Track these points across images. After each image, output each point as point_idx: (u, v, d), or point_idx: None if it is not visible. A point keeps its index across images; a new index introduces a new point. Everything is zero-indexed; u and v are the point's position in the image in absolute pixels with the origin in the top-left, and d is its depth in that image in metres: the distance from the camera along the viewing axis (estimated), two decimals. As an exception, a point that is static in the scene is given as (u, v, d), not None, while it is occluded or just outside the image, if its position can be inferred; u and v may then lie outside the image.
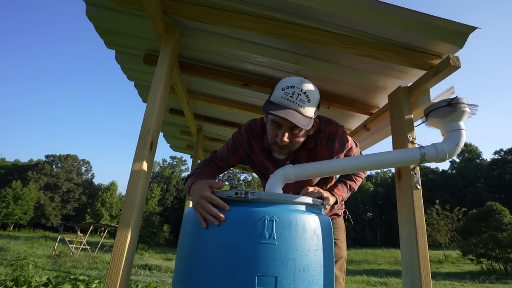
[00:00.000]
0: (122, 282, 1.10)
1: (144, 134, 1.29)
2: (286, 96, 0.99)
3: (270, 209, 0.86)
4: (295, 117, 0.96)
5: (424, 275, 1.22)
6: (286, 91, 1.00)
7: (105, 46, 1.92)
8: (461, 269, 20.04)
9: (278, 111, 0.97)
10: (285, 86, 1.01)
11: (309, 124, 1.00)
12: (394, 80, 1.64)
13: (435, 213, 23.61)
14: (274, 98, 1.03)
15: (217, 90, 2.27)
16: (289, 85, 1.01)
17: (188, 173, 1.31)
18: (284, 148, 1.07)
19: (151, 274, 11.04)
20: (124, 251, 1.11)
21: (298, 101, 0.99)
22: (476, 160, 51.59)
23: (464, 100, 1.30)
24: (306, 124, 0.99)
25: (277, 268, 0.80)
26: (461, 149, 1.25)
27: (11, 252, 12.84)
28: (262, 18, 1.39)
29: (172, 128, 3.32)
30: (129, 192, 1.19)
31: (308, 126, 0.99)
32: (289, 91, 1.00)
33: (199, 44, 1.76)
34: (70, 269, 10.28)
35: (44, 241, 22.36)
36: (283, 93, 1.00)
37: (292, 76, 1.08)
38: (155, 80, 1.39)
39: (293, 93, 0.99)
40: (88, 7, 1.58)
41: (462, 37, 1.24)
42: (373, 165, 1.18)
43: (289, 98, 0.99)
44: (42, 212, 47.71)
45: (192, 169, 1.21)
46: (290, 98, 0.99)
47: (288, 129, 1.04)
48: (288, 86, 1.00)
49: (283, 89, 1.01)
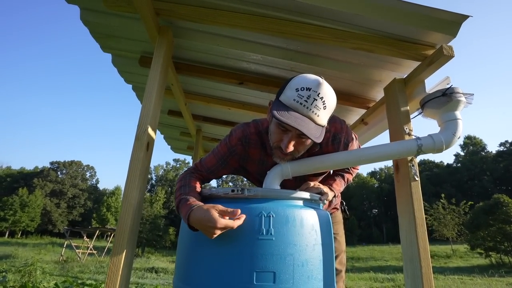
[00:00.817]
0: (121, 281, 1.10)
1: (140, 134, 1.30)
2: (300, 99, 0.86)
3: (267, 205, 0.86)
4: (308, 127, 0.84)
5: (424, 267, 1.21)
6: (301, 94, 0.86)
7: (102, 50, 1.94)
8: (470, 263, 19.85)
9: (289, 118, 0.84)
10: (300, 87, 0.87)
11: (321, 135, 0.88)
12: (389, 73, 1.64)
13: (441, 207, 23.41)
14: (285, 100, 0.89)
15: (214, 90, 2.28)
16: (305, 87, 0.87)
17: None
18: (287, 155, 0.97)
19: (158, 277, 11.08)
20: (123, 252, 1.12)
21: (313, 107, 0.86)
22: (481, 152, 51.12)
23: (459, 89, 1.29)
24: (319, 136, 0.87)
25: (275, 263, 0.80)
26: (465, 142, 1.24)
27: (19, 258, 12.98)
28: (254, 16, 1.40)
29: (172, 130, 3.33)
30: (127, 192, 1.20)
31: (320, 138, 0.87)
32: (304, 94, 0.86)
33: (193, 44, 1.77)
34: (77, 274, 10.36)
35: (52, 247, 22.57)
36: (296, 95, 0.87)
37: (307, 75, 0.93)
38: (150, 81, 1.40)
39: (309, 97, 0.86)
40: (82, 12, 1.60)
41: (455, 26, 1.24)
42: (370, 159, 1.17)
43: (303, 103, 0.86)
44: (48, 219, 48.14)
45: (176, 188, 1.02)
46: (304, 103, 0.85)
47: (296, 137, 0.92)
48: (304, 88, 0.87)
49: (297, 90, 0.87)
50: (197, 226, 0.81)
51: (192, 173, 1.09)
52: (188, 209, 0.84)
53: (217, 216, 0.78)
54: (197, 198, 0.91)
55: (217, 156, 1.11)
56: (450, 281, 10.79)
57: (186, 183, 1.01)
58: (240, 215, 0.80)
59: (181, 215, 0.88)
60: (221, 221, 0.77)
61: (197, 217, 0.81)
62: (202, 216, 0.79)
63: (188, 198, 0.90)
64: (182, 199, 0.91)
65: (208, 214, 0.78)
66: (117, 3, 1.38)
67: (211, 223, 0.77)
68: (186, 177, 1.05)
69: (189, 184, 0.99)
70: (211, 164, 1.11)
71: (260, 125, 1.10)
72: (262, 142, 1.08)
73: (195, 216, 0.81)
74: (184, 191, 0.96)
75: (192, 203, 0.87)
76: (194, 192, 0.95)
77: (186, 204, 0.87)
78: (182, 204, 0.89)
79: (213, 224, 0.76)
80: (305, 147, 0.99)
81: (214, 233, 0.78)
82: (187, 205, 0.86)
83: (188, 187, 0.98)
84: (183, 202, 0.89)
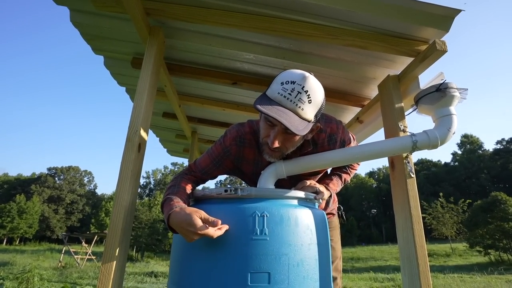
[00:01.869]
0: (113, 285, 1.08)
1: (131, 135, 1.28)
2: (284, 92, 0.85)
3: (261, 205, 0.85)
4: (290, 120, 0.83)
5: (422, 265, 1.20)
6: (285, 87, 0.86)
7: (93, 53, 1.92)
8: (469, 261, 19.86)
9: (271, 110, 0.83)
10: (285, 80, 0.87)
11: (305, 128, 0.86)
12: (383, 70, 1.63)
13: (440, 206, 23.45)
14: (270, 93, 0.89)
15: (208, 91, 2.27)
16: (289, 80, 0.86)
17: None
18: (275, 151, 0.96)
19: (157, 281, 11.00)
20: (115, 254, 1.10)
21: (297, 100, 0.85)
22: (478, 151, 51.42)
23: (453, 84, 1.29)
24: (302, 129, 0.85)
25: (270, 264, 0.79)
26: (462, 140, 1.24)
27: (17, 265, 12.83)
28: (245, 14, 1.39)
29: (167, 133, 3.31)
30: (118, 194, 1.18)
31: (303, 131, 0.85)
32: (288, 87, 0.85)
33: (185, 45, 1.76)
34: (76, 280, 10.25)
35: (50, 254, 22.36)
36: (281, 88, 0.86)
37: (293, 69, 0.93)
38: (141, 81, 1.38)
39: (293, 90, 0.85)
40: (72, 13, 1.58)
41: (447, 21, 1.23)
42: (365, 156, 1.15)
43: (287, 96, 0.85)
44: (47, 225, 47.79)
45: (166, 189, 1.01)
46: (288, 96, 0.85)
47: (282, 131, 0.90)
48: (288, 81, 0.86)
49: (282, 83, 0.87)
50: (177, 228, 0.80)
51: (185, 174, 1.08)
52: (170, 209, 0.83)
53: (199, 221, 0.76)
54: (183, 199, 0.90)
55: (212, 157, 1.09)
56: (450, 279, 10.79)
57: (176, 183, 0.99)
58: (221, 226, 0.79)
59: (163, 214, 0.87)
60: (202, 227, 0.75)
61: (177, 219, 0.79)
62: (183, 219, 0.78)
63: (173, 198, 0.88)
64: (167, 198, 0.90)
65: (189, 218, 0.77)
66: (106, 4, 1.37)
67: (191, 227, 0.76)
68: (178, 178, 1.04)
69: (178, 185, 0.98)
70: (205, 164, 1.10)
71: (255, 125, 1.09)
72: (256, 141, 1.07)
73: (175, 217, 0.80)
74: (172, 191, 0.94)
75: (175, 203, 0.85)
76: (182, 193, 0.93)
77: (169, 204, 0.86)
78: (165, 204, 0.88)
79: (193, 229, 0.75)
80: (293, 144, 0.97)
81: (193, 238, 0.77)
82: (169, 205, 0.85)
83: (177, 188, 0.96)
84: (167, 201, 0.88)
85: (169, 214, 0.82)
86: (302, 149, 1.06)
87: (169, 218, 0.81)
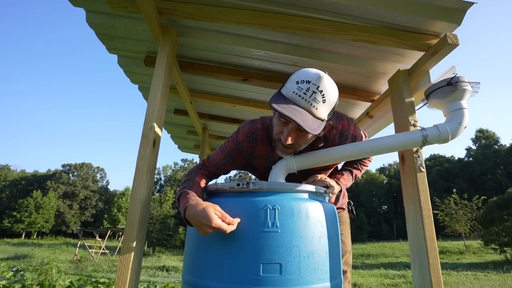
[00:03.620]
0: (132, 275, 1.14)
1: (147, 131, 1.33)
2: (299, 91, 0.87)
3: (272, 198, 0.87)
4: (304, 119, 0.84)
5: (432, 258, 1.20)
6: (300, 86, 0.87)
7: (108, 52, 1.98)
8: (484, 259, 19.41)
9: (286, 109, 0.84)
10: (300, 79, 0.88)
11: (319, 127, 0.88)
12: (393, 64, 1.63)
13: (453, 202, 22.93)
14: (285, 92, 0.91)
15: (218, 87, 2.30)
16: (305, 79, 0.88)
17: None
18: (288, 148, 0.98)
19: (169, 275, 11.24)
20: (133, 245, 1.15)
21: (312, 100, 0.86)
22: (494, 146, 49.75)
23: (465, 78, 1.27)
24: (316, 128, 0.87)
25: (282, 255, 0.81)
26: (477, 135, 1.23)
27: (35, 258, 13.36)
28: (255, 11, 1.41)
29: (178, 129, 3.37)
30: (135, 188, 1.23)
31: (317, 131, 0.87)
32: (303, 86, 0.87)
33: (197, 43, 1.79)
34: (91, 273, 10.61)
35: (66, 247, 23.12)
36: (296, 87, 0.88)
37: (308, 68, 0.93)
38: (154, 79, 1.43)
39: (308, 90, 0.86)
40: (88, 14, 1.64)
41: (459, 14, 1.22)
42: (375, 150, 1.16)
43: (302, 95, 0.86)
44: (62, 220, 49.30)
45: (181, 183, 1.04)
46: (303, 95, 0.86)
47: (295, 129, 0.92)
48: (304, 81, 0.87)
49: (297, 82, 0.88)
50: (192, 220, 0.83)
51: (199, 169, 1.11)
52: (186, 202, 0.86)
53: (214, 215, 0.79)
54: (198, 193, 0.93)
55: (224, 152, 1.12)
56: (463, 277, 10.60)
57: (191, 177, 1.03)
58: (234, 221, 0.81)
59: (180, 207, 0.90)
60: (216, 221, 0.78)
61: (193, 212, 0.82)
62: (199, 212, 0.81)
63: (189, 192, 0.91)
64: (183, 192, 0.93)
65: (205, 212, 0.79)
66: (120, 4, 1.41)
67: (206, 221, 0.78)
68: (192, 172, 1.07)
69: (193, 179, 1.01)
70: (218, 160, 1.13)
71: (267, 121, 1.11)
72: (269, 138, 1.09)
73: (191, 210, 0.83)
74: (188, 185, 0.97)
75: (192, 197, 0.88)
76: (196, 187, 0.96)
77: (185, 197, 0.89)
78: (182, 197, 0.91)
79: (208, 222, 0.78)
80: (306, 141, 0.99)
81: (207, 231, 0.80)
82: (186, 198, 0.88)
83: (192, 182, 0.99)
84: (183, 195, 0.91)
85: (186, 207, 0.85)
86: (313, 145, 1.07)
87: (185, 211, 0.85)
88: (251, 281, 0.79)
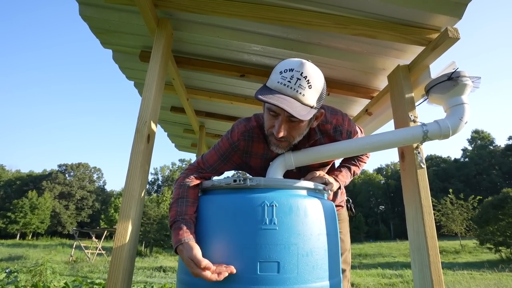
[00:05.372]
0: (124, 273, 1.10)
1: (141, 127, 1.29)
2: (283, 80, 0.86)
3: (270, 195, 0.85)
4: (292, 106, 0.83)
5: (432, 255, 1.18)
6: (284, 75, 0.86)
7: (102, 46, 1.94)
8: (479, 258, 19.58)
9: (272, 98, 0.83)
10: (283, 69, 0.88)
11: (309, 113, 0.87)
12: (393, 60, 1.60)
13: (449, 202, 23.09)
14: (270, 83, 0.90)
15: (215, 84, 2.27)
16: (287, 68, 0.87)
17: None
18: (282, 141, 0.96)
19: (166, 276, 11.19)
20: (126, 242, 1.12)
21: (297, 86, 0.85)
22: (490, 146, 50.25)
23: (465, 73, 1.26)
24: (305, 114, 0.85)
25: (280, 253, 0.79)
26: (473, 136, 1.21)
27: (30, 259, 13.23)
28: (252, 4, 1.38)
29: (175, 127, 3.33)
30: (128, 184, 1.19)
31: (307, 116, 0.86)
32: (287, 75, 0.86)
33: (193, 37, 1.76)
34: (87, 274, 10.52)
35: (62, 248, 22.92)
36: (280, 77, 0.87)
37: (291, 58, 0.94)
38: (149, 73, 1.39)
39: (292, 77, 0.85)
40: (81, 7, 1.60)
41: (460, 7, 1.20)
42: (374, 146, 1.14)
43: (287, 83, 0.85)
44: (58, 220, 48.93)
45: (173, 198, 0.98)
46: (287, 83, 0.85)
47: (286, 120, 0.90)
48: (286, 70, 0.87)
49: (281, 72, 0.88)
50: (182, 259, 0.82)
51: (193, 175, 1.04)
52: (178, 241, 0.83)
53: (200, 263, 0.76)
54: (190, 222, 0.89)
55: (219, 153, 1.08)
56: (459, 276, 10.66)
57: (183, 194, 0.96)
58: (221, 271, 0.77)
59: (172, 238, 0.88)
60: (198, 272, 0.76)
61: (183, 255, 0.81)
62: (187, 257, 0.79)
63: (181, 226, 0.86)
64: (176, 221, 0.89)
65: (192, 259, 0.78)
66: (114, -5, 1.38)
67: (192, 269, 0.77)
68: (185, 184, 0.99)
69: (186, 197, 0.95)
70: (213, 161, 1.08)
71: (261, 118, 1.08)
72: (264, 135, 1.06)
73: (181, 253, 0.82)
74: (181, 209, 0.92)
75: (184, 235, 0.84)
76: (190, 214, 0.91)
77: (178, 233, 0.85)
78: (173, 230, 0.88)
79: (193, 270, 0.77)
80: (299, 132, 0.96)
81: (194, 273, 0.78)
82: (178, 235, 0.84)
83: (186, 202, 0.93)
84: (176, 228, 0.87)
85: (177, 246, 0.84)
86: (309, 138, 1.05)
87: (177, 249, 0.84)
88: (248, 280, 0.77)
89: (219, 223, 0.86)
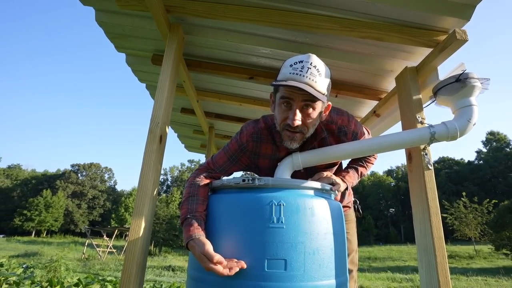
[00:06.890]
0: (138, 267, 1.15)
1: (153, 128, 1.34)
2: (295, 71, 0.91)
3: (278, 194, 0.87)
4: (308, 88, 0.88)
5: (439, 256, 1.18)
6: (295, 67, 0.92)
7: (116, 50, 2.01)
8: (495, 264, 18.96)
9: (289, 82, 0.89)
10: (293, 62, 0.94)
11: (322, 98, 0.91)
12: (401, 62, 1.61)
13: (463, 206, 22.48)
14: (282, 77, 0.94)
15: (225, 86, 2.31)
16: (297, 61, 0.93)
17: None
18: (296, 132, 0.98)
19: (175, 275, 11.31)
20: (139, 238, 1.16)
21: (309, 74, 0.90)
22: (506, 149, 48.60)
23: (474, 74, 1.25)
24: (322, 96, 0.91)
25: (287, 251, 0.81)
26: (488, 138, 1.21)
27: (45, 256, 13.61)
28: (262, 8, 1.41)
29: (185, 128, 3.40)
30: (141, 182, 1.24)
31: (324, 98, 0.91)
32: (298, 66, 0.92)
33: (204, 41, 1.81)
34: (98, 271, 10.75)
35: (74, 246, 23.45)
36: (291, 69, 0.92)
37: (296, 55, 1.00)
38: (162, 76, 1.44)
39: (303, 68, 0.91)
40: (97, 13, 1.67)
41: (468, 9, 1.20)
42: (382, 147, 1.15)
43: (299, 73, 0.90)
44: (71, 219, 50.13)
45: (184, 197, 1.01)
46: (299, 73, 0.90)
47: (300, 107, 0.94)
48: (296, 62, 0.93)
49: (291, 65, 0.93)
50: (193, 254, 0.85)
51: (203, 174, 1.07)
52: (188, 236, 0.87)
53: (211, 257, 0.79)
54: (201, 222, 0.91)
55: (228, 154, 1.11)
56: (473, 282, 10.37)
57: (194, 192, 0.99)
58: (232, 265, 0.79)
59: (183, 234, 0.91)
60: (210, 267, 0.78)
61: (194, 251, 0.84)
62: (198, 253, 0.82)
63: (192, 222, 0.90)
64: (187, 218, 0.92)
65: (204, 253, 0.80)
66: (129, 2, 1.44)
67: (204, 263, 0.80)
68: (195, 183, 1.02)
69: (197, 195, 0.98)
70: (222, 162, 1.12)
71: (269, 120, 1.11)
72: (272, 136, 1.09)
73: (192, 248, 0.85)
74: (192, 207, 0.95)
75: (195, 231, 0.87)
76: (200, 212, 0.94)
77: (189, 229, 0.88)
78: (184, 226, 0.91)
79: (205, 265, 0.79)
80: (312, 121, 0.98)
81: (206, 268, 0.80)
82: (188, 231, 0.88)
83: (196, 200, 0.97)
84: (186, 224, 0.91)
85: (188, 241, 0.87)
86: (316, 136, 1.08)
87: (188, 245, 0.87)
88: (256, 276, 0.79)
89: (228, 221, 0.89)
